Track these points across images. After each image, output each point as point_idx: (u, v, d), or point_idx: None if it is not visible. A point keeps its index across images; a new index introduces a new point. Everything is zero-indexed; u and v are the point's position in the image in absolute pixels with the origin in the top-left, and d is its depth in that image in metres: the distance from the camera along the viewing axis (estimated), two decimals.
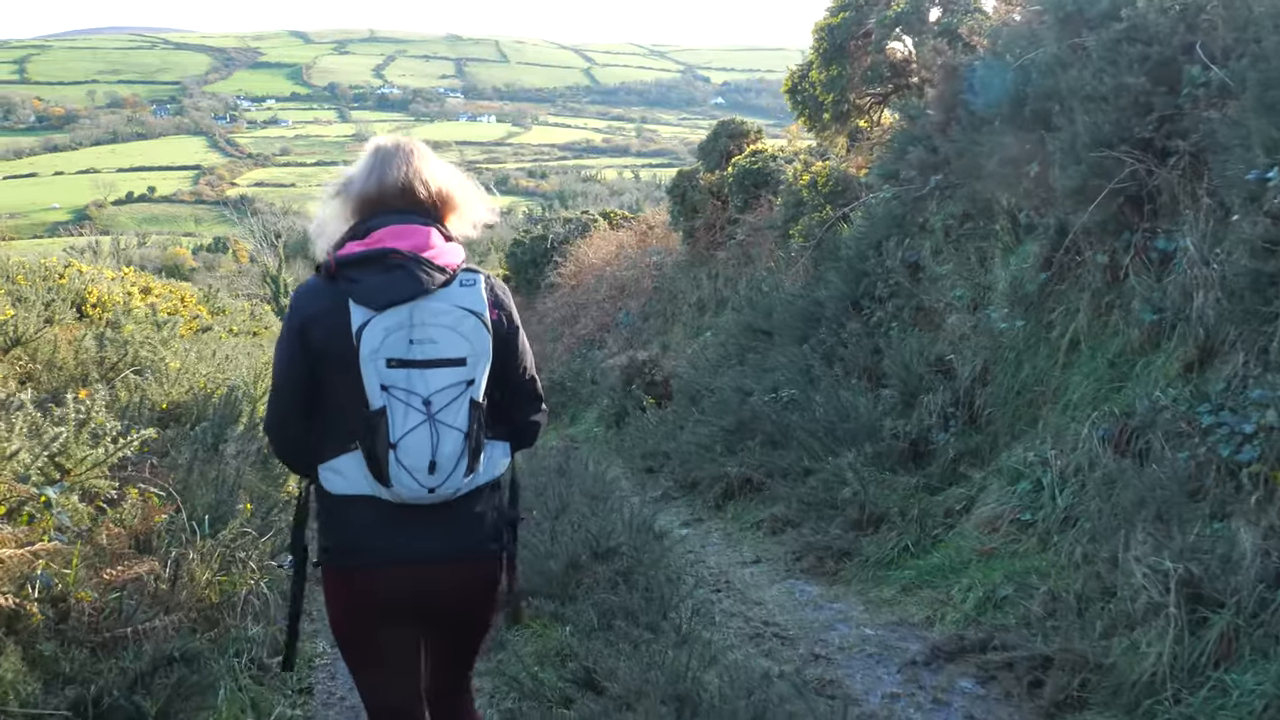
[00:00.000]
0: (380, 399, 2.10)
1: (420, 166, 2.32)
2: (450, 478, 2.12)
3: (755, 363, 7.82)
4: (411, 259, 2.16)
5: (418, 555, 2.18)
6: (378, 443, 2.10)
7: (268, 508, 5.03)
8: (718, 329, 11.22)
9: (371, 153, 2.36)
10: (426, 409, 2.11)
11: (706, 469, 7.01)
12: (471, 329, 2.16)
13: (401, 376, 2.11)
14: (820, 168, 9.52)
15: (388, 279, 2.14)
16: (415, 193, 2.29)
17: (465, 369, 2.15)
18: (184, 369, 6.53)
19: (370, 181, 2.30)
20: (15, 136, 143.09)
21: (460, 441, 2.12)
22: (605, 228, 22.43)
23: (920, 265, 7.09)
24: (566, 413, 13.29)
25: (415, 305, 2.13)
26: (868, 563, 4.91)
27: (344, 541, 2.20)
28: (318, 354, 2.19)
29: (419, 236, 2.21)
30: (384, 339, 2.11)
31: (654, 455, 8.95)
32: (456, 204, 2.36)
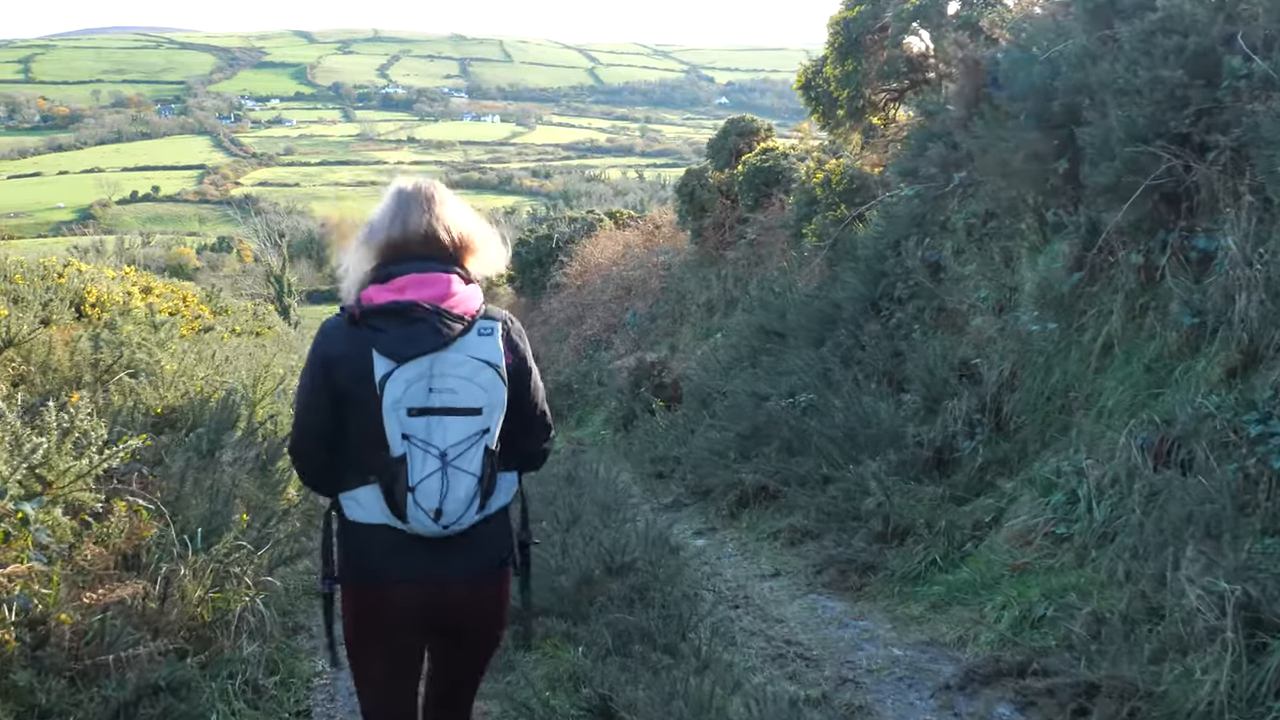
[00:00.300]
0: (401, 447, 2.21)
1: (441, 213, 2.39)
2: (462, 518, 2.25)
3: (769, 366, 7.59)
4: (433, 312, 2.25)
5: (428, 575, 2.30)
6: (397, 486, 2.22)
7: (265, 518, 4.81)
8: (728, 330, 10.99)
9: (394, 197, 2.43)
10: (442, 458, 2.23)
11: (720, 476, 6.78)
12: (488, 381, 2.27)
13: (421, 425, 2.22)
14: (834, 165, 9.29)
15: (411, 331, 2.24)
16: (438, 238, 2.36)
17: (481, 419, 2.25)
18: (181, 371, 6.31)
19: (395, 227, 2.37)
20: (20, 136, 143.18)
21: (474, 485, 2.25)
22: (611, 227, 22.20)
23: (941, 265, 6.86)
24: (573, 415, 13.07)
25: (436, 357, 2.23)
26: (893, 577, 4.68)
27: (361, 563, 2.34)
28: (340, 393, 2.29)
29: (440, 285, 2.30)
30: (406, 389, 2.21)
31: (664, 460, 8.73)
32: (476, 248, 2.43)
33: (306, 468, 2.44)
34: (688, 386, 9.64)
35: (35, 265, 12.22)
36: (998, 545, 4.64)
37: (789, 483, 6.16)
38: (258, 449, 5.67)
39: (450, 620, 2.39)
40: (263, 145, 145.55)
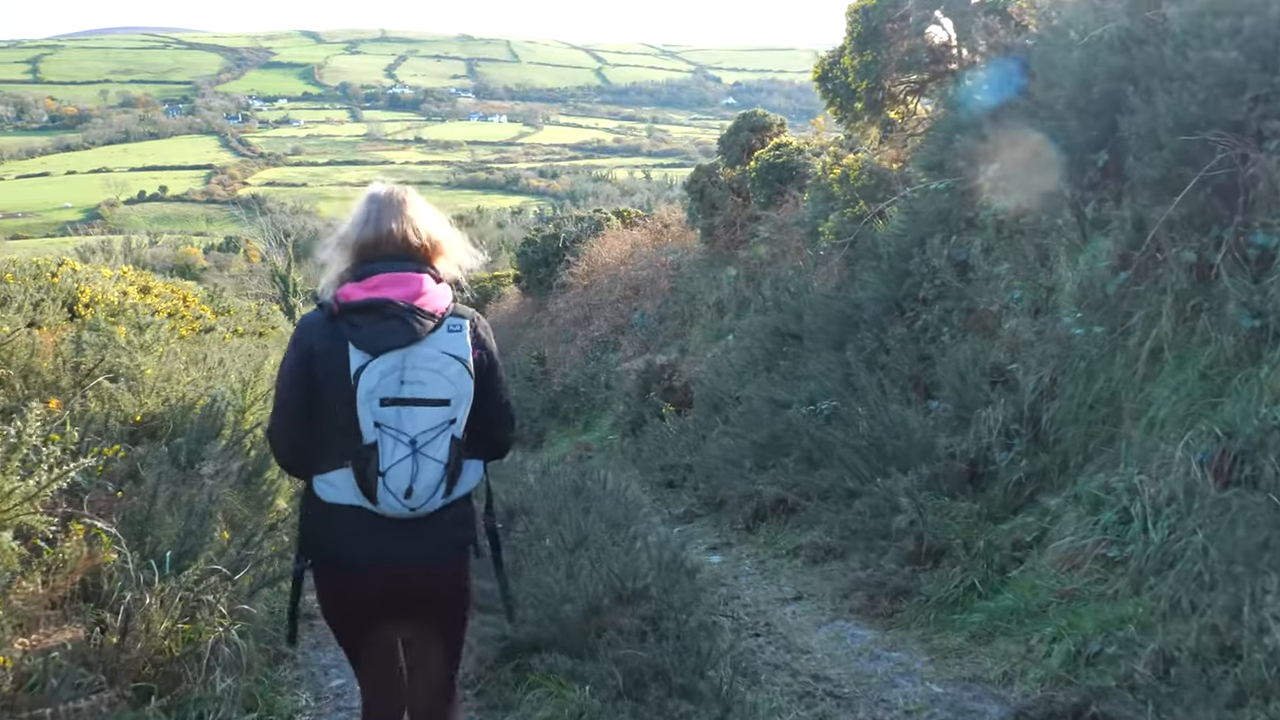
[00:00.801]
0: (373, 434, 2.35)
1: (412, 215, 2.54)
2: (429, 500, 2.39)
3: (787, 370, 7.21)
4: (406, 309, 2.39)
5: (394, 557, 2.42)
6: (369, 470, 2.36)
7: (248, 535, 4.44)
8: (740, 332, 10.61)
9: (367, 201, 2.57)
10: (412, 445, 2.37)
11: (735, 486, 6.41)
12: (456, 374, 2.42)
13: (392, 415, 2.37)
14: (852, 161, 8.91)
15: (385, 327, 2.37)
16: (409, 241, 2.50)
17: (448, 409, 2.40)
18: (164, 376, 5.95)
19: (368, 230, 2.52)
20: (28, 136, 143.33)
21: (440, 471, 2.39)
22: (618, 226, 21.84)
23: (969, 264, 6.48)
24: (580, 418, 12.70)
25: (408, 351, 2.37)
26: (928, 603, 4.29)
27: (330, 544, 2.47)
28: (319, 383, 2.42)
29: (413, 285, 2.44)
30: (379, 381, 2.35)
31: (674, 468, 8.36)
32: (444, 249, 2.58)
33: (282, 450, 2.56)
34: (699, 391, 9.26)
35: (27, 264, 11.91)
36: (1042, 569, 4.25)
37: (809, 496, 5.78)
38: (243, 460, 5.30)
39: (415, 601, 2.51)
40: (270, 145, 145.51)
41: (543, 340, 18.66)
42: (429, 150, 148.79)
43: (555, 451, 12.03)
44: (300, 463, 2.52)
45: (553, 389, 13.79)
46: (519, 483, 5.96)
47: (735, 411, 7.38)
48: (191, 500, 4.07)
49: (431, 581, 2.50)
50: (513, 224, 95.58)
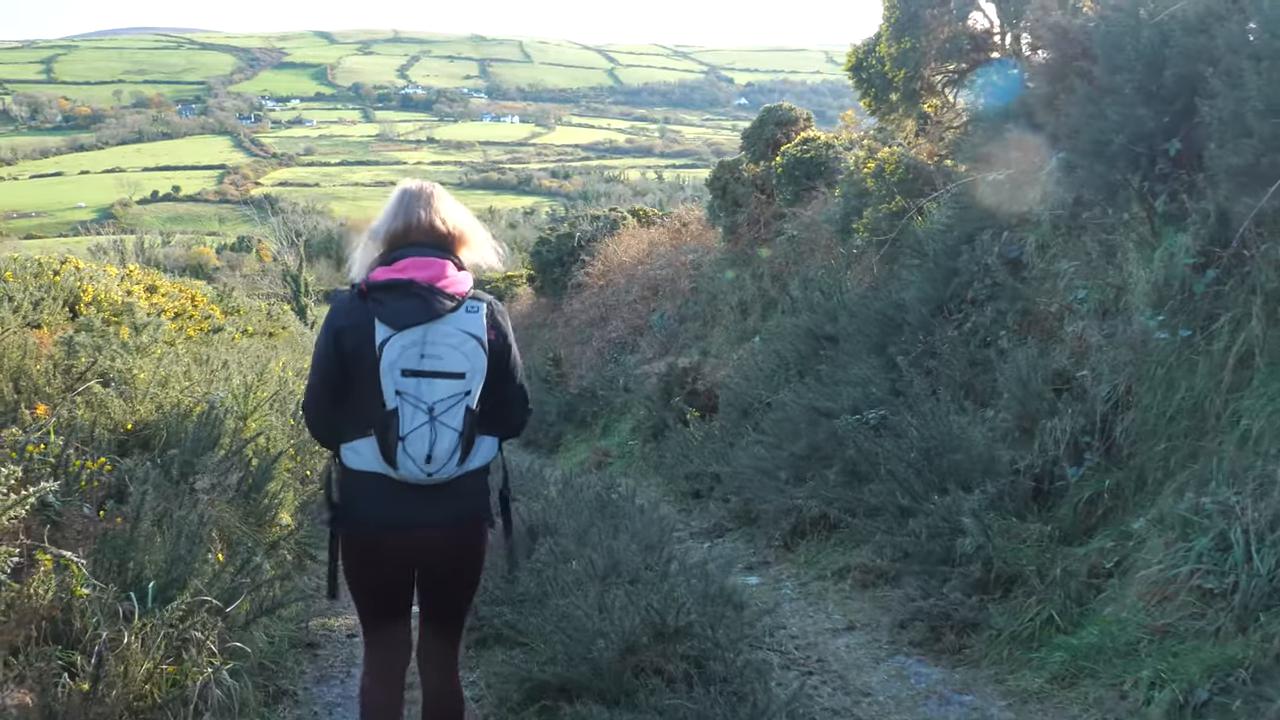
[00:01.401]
0: (394, 401, 2.56)
1: (439, 208, 2.77)
2: (445, 466, 2.59)
3: (825, 375, 6.76)
4: (427, 289, 2.60)
5: (413, 521, 2.65)
6: (389, 435, 2.56)
7: (245, 556, 4.03)
8: (767, 334, 10.16)
9: (399, 195, 2.81)
10: (430, 413, 2.57)
11: (770, 499, 5.97)
12: (471, 350, 2.61)
13: (412, 385, 2.57)
14: (888, 154, 8.46)
15: (408, 304, 2.59)
16: (436, 230, 2.74)
17: (464, 382, 2.60)
18: (161, 380, 5.55)
19: (398, 221, 2.75)
20: (42, 136, 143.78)
21: (455, 439, 2.59)
22: (634, 225, 21.41)
23: (1023, 262, 6.03)
24: (598, 423, 12.27)
25: (428, 327, 2.58)
26: (1000, 638, 3.85)
27: (356, 507, 2.68)
28: (347, 357, 2.64)
29: (436, 268, 2.66)
30: (401, 353, 2.57)
31: (700, 477, 7.92)
32: (468, 240, 2.81)
33: (313, 421, 2.80)
34: (725, 395, 8.83)
35: (28, 262, 11.56)
36: (1128, 600, 3.80)
37: (854, 512, 5.34)
38: (243, 471, 4.89)
39: (430, 562, 2.74)
40: (283, 145, 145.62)
41: (558, 341, 18.25)
42: (441, 150, 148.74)
43: (572, 457, 11.61)
44: (329, 433, 2.76)
45: (569, 392, 13.36)
46: (539, 495, 5.54)
47: (768, 419, 6.94)
48: (182, 521, 3.65)
49: (448, 546, 2.74)
50: (525, 224, 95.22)
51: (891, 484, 5.01)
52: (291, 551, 5.21)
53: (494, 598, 4.17)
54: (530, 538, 4.64)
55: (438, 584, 2.80)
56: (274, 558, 4.71)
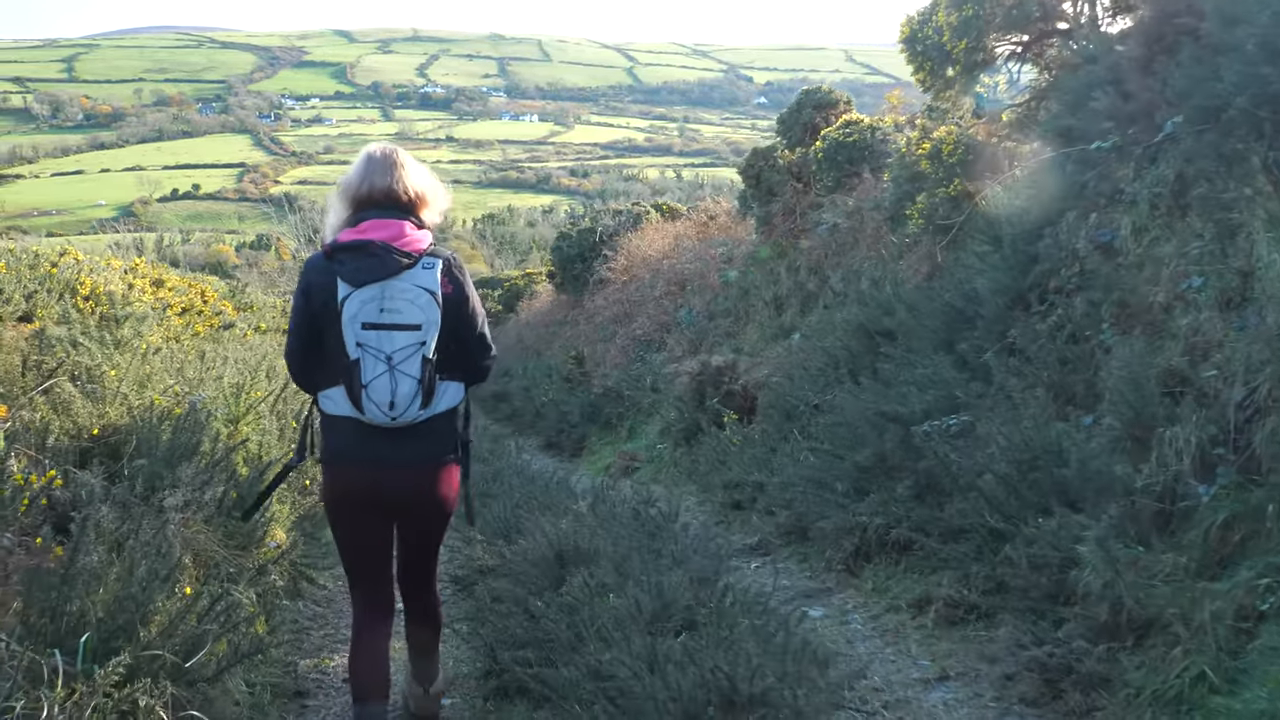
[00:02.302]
0: (356, 352, 2.84)
1: (401, 175, 3.02)
2: (407, 411, 2.87)
3: (887, 375, 6.04)
4: (384, 248, 2.87)
5: (383, 461, 2.94)
6: (354, 383, 2.85)
7: (216, 593, 3.35)
8: (809, 330, 9.45)
9: (364, 160, 3.06)
10: (388, 361, 2.84)
11: (830, 516, 5.26)
12: (426, 303, 2.88)
13: (373, 336, 2.84)
14: (945, 134, 7.73)
15: (366, 263, 2.86)
16: (397, 195, 2.99)
17: (419, 333, 2.87)
18: (143, 378, 4.90)
19: (363, 186, 3.01)
20: (63, 134, 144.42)
21: (414, 386, 2.86)
22: (658, 219, 20.71)
23: (1115, 247, 5.30)
24: (623, 424, 11.56)
25: (386, 284, 2.85)
26: (1139, 698, 3.12)
27: (333, 447, 2.99)
28: (316, 312, 2.94)
29: (394, 229, 2.93)
30: (360, 308, 2.83)
31: (740, 486, 7.22)
32: (428, 201, 3.08)
33: (293, 370, 3.12)
34: (766, 397, 8.12)
35: (24, 252, 10.99)
36: None
37: (928, 532, 4.63)
38: (226, 485, 4.22)
39: (401, 499, 3.01)
40: (302, 144, 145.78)
41: (579, 339, 17.56)
42: (460, 149, 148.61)
43: (597, 462, 10.93)
44: (307, 381, 3.05)
45: (592, 391, 12.66)
46: (567, 511, 4.85)
47: (820, 424, 6.23)
48: (137, 549, 2.97)
49: (418, 484, 2.96)
50: (544, 222, 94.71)
51: (978, 502, 4.29)
52: (284, 574, 4.54)
53: (515, 639, 3.49)
54: (558, 564, 3.95)
55: (409, 521, 3.08)
56: (261, 585, 4.04)
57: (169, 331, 12.53)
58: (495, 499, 6.09)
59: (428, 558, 3.24)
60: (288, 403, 6.80)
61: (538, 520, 4.45)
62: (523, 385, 16.34)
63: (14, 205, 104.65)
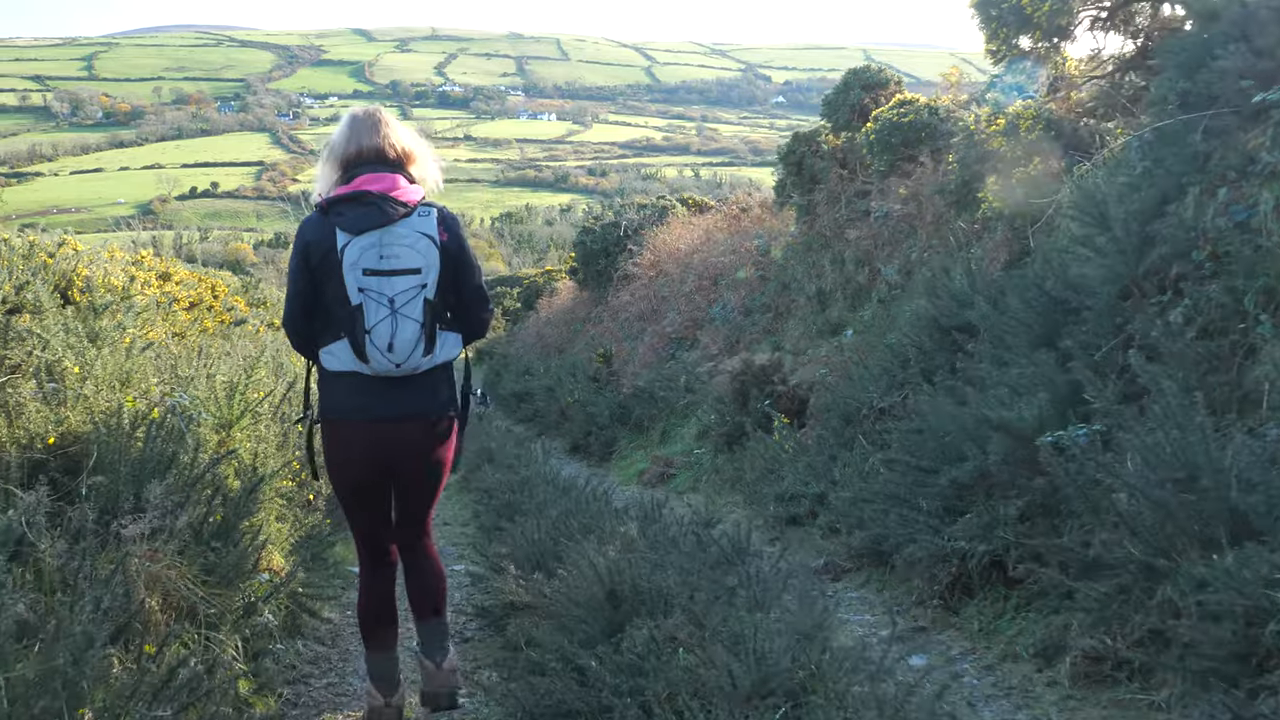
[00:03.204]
0: (358, 298, 2.88)
1: (387, 132, 3.09)
2: (410, 356, 2.91)
3: (972, 376, 5.26)
4: (380, 198, 2.93)
5: (386, 414, 2.98)
6: (356, 329, 2.88)
7: (182, 655, 2.61)
8: (862, 326, 8.68)
9: (348, 121, 3.15)
10: (391, 305, 2.88)
11: (917, 539, 4.49)
12: (425, 248, 2.95)
13: (374, 282, 2.89)
14: (1022, 108, 6.96)
15: (364, 212, 2.92)
16: (385, 152, 3.06)
17: (420, 276, 2.93)
18: (120, 377, 4.18)
19: (350, 146, 3.07)
20: (83, 132, 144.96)
21: (417, 330, 2.90)
22: (684, 213, 19.97)
23: (1254, 226, 4.52)
24: (656, 427, 10.81)
25: (384, 231, 2.91)
26: None
27: (335, 403, 3.02)
28: (314, 269, 2.97)
29: (388, 181, 2.99)
30: (360, 254, 2.88)
31: (797, 499, 6.47)
32: (415, 158, 3.14)
33: (292, 331, 3.14)
34: (821, 399, 7.36)
35: (19, 243, 10.35)
36: None
37: (1043, 561, 3.86)
38: (208, 506, 3.49)
39: (401, 453, 3.05)
40: (321, 142, 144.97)
41: (605, 337, 16.83)
42: (478, 148, 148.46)
43: (629, 467, 10.19)
44: (306, 343, 3.10)
45: (622, 391, 11.92)
46: (615, 535, 4.10)
47: (892, 430, 5.44)
48: (76, 609, 2.24)
49: (419, 436, 3.03)
50: (561, 221, 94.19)
51: (1121, 531, 3.51)
52: (281, 608, 3.81)
53: (560, 706, 2.75)
54: (611, 605, 3.21)
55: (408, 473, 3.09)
56: (248, 627, 3.31)
57: (175, 326, 11.88)
58: (525, 516, 5.35)
59: (424, 510, 3.24)
60: (292, 404, 6.10)
61: (581, 548, 3.71)
62: (545, 384, 15.60)
63: (33, 203, 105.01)
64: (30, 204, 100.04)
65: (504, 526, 6.41)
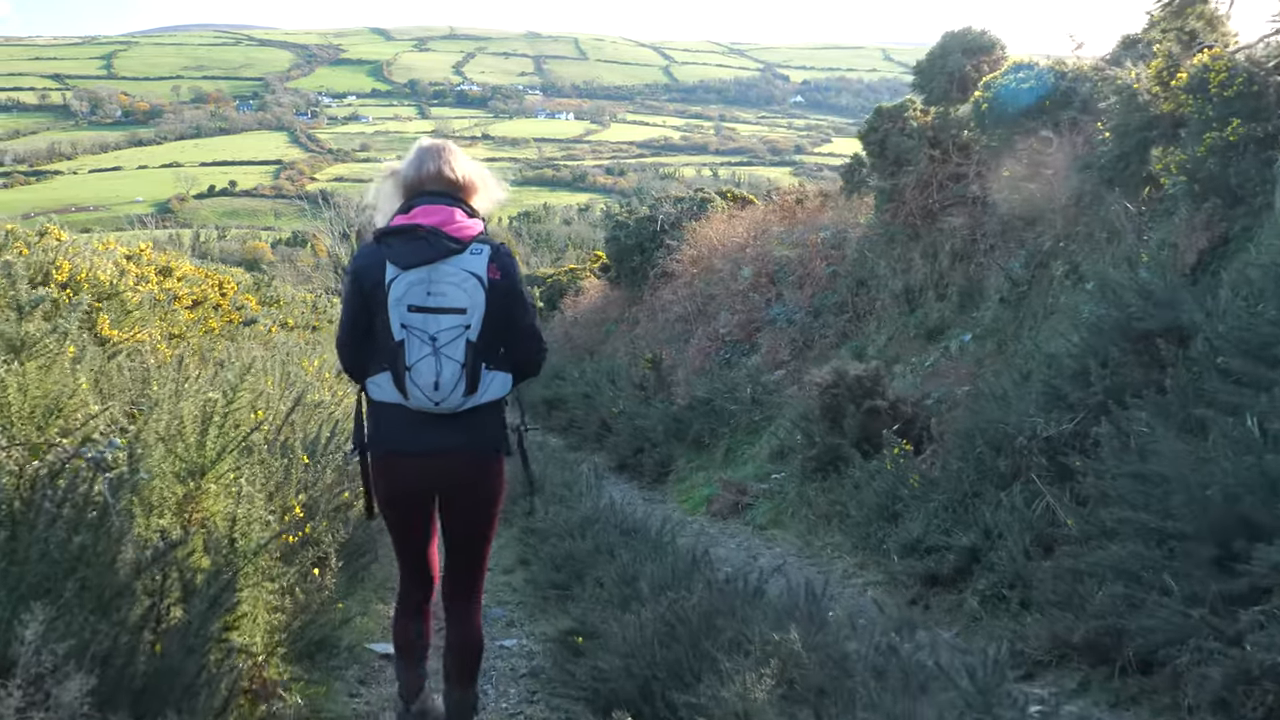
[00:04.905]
0: (401, 334, 2.86)
1: (450, 160, 3.09)
2: (451, 396, 2.86)
3: (1215, 399, 3.85)
4: (432, 232, 2.89)
5: (429, 449, 2.93)
6: (398, 365, 2.86)
7: None
8: (983, 331, 7.26)
9: (416, 150, 3.15)
10: (433, 344, 2.85)
11: (1200, 645, 3.09)
12: (472, 287, 2.88)
13: (418, 319, 2.86)
14: (1209, 59, 5.55)
15: (414, 246, 2.89)
16: (446, 179, 3.04)
17: (464, 316, 2.88)
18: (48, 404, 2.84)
19: (413, 172, 3.07)
20: (102, 131, 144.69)
21: (458, 369, 2.85)
22: (725, 207, 18.57)
23: None
24: (718, 444, 9.40)
25: (433, 267, 2.87)
26: None
27: (380, 434, 2.98)
28: (366, 296, 2.93)
29: (444, 214, 2.95)
30: (407, 290, 2.86)
31: (935, 552, 5.07)
32: (477, 188, 3.12)
33: (345, 356, 3.08)
34: (956, 420, 5.96)
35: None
36: None
37: None
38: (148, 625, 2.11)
39: (447, 487, 3.00)
40: (339, 141, 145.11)
41: (644, 339, 15.45)
42: (496, 147, 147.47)
43: (691, 492, 8.78)
44: (357, 368, 3.05)
45: (675, 402, 10.50)
46: (702, 579, 2.70)
47: (1123, 475, 4.00)
48: None
49: (461, 473, 2.98)
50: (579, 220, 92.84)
51: None
52: None
53: None
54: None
55: (453, 511, 3.07)
56: None
57: (173, 327, 10.52)
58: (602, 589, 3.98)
59: (472, 560, 3.14)
60: (296, 428, 4.74)
61: (720, 682, 2.31)
62: (581, 391, 14.17)
63: (52, 201, 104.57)
64: (49, 202, 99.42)
65: (563, 586, 5.04)
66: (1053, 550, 4.45)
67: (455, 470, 2.95)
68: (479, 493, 3.02)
